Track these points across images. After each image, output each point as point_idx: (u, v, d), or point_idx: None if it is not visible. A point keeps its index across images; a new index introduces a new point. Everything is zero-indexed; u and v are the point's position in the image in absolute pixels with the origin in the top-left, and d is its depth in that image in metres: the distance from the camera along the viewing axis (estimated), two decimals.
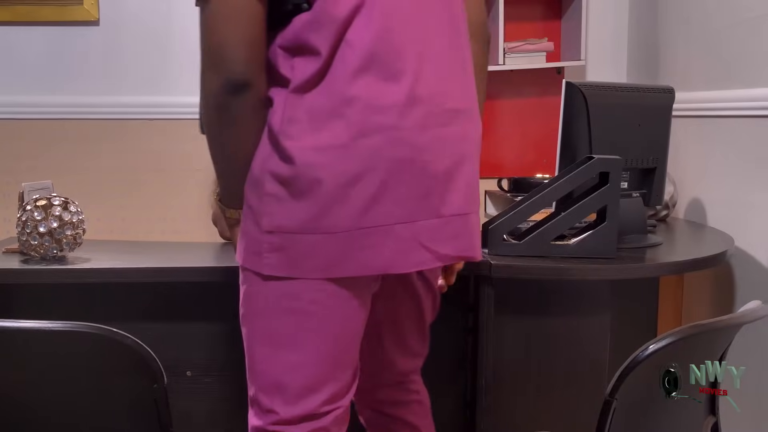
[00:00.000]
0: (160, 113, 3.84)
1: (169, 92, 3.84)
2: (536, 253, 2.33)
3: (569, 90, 2.49)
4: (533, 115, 4.09)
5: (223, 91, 1.57)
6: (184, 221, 3.76)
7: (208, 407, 2.39)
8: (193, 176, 3.79)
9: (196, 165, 3.76)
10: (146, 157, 3.84)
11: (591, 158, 2.30)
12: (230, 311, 2.37)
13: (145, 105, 3.83)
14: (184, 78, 3.84)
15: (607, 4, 4.08)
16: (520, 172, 3.90)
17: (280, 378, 1.68)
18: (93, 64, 3.80)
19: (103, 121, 3.82)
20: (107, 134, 3.82)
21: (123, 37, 3.80)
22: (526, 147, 4.12)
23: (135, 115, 3.84)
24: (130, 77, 3.83)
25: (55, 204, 2.27)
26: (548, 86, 3.98)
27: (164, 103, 3.83)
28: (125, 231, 3.74)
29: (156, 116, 3.84)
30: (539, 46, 3.98)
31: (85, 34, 3.78)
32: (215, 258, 2.71)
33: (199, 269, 2.35)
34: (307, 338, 1.65)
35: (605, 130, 2.49)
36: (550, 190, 2.31)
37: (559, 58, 4.08)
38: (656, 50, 3.68)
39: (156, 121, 3.84)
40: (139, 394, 1.58)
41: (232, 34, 1.54)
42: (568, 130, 2.50)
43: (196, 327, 2.37)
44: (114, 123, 3.83)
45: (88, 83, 3.82)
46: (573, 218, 2.33)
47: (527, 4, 4.05)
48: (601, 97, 2.51)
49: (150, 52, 3.83)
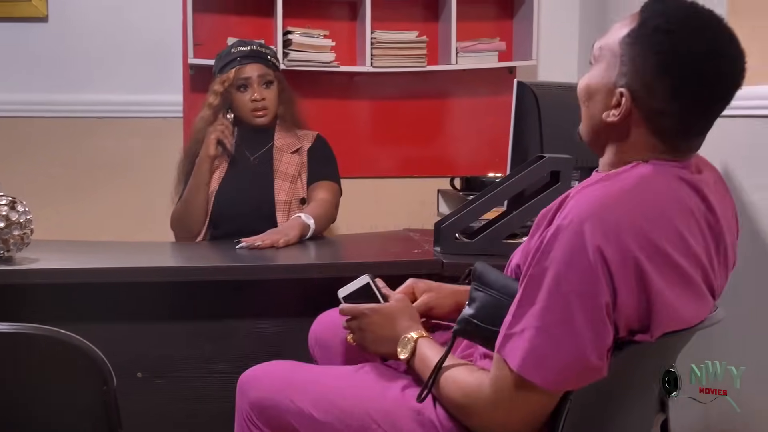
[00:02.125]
0: (110, 111, 3.80)
1: (121, 90, 3.80)
2: (488, 252, 2.34)
3: (520, 89, 2.51)
4: (485, 114, 4.11)
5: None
6: (136, 221, 3.72)
7: (160, 409, 2.36)
8: (145, 175, 3.76)
9: (147, 164, 3.73)
10: (98, 156, 3.79)
11: (542, 157, 2.31)
12: (181, 311, 2.36)
13: (96, 103, 3.78)
14: (136, 75, 3.80)
15: (558, 4, 4.11)
16: (473, 171, 3.91)
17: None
18: (42, 61, 3.75)
19: (52, 119, 3.77)
20: (57, 133, 3.77)
21: (73, 33, 3.75)
22: (479, 146, 4.14)
23: (85, 114, 3.79)
24: (80, 75, 3.78)
25: (2, 203, 2.23)
26: (500, 85, 3.99)
27: (115, 101, 3.79)
28: (76, 231, 3.69)
29: (107, 114, 3.80)
30: (491, 45, 3.99)
31: (34, 31, 3.72)
32: (166, 258, 2.69)
33: (150, 269, 2.34)
34: None
35: (556, 129, 2.51)
36: (501, 188, 2.33)
37: (511, 58, 4.10)
38: None
39: (107, 119, 3.80)
40: (89, 396, 1.57)
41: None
42: (520, 129, 2.51)
43: (147, 328, 2.35)
44: (64, 121, 3.78)
45: (37, 81, 3.77)
46: (524, 217, 2.35)
47: (479, 4, 4.06)
48: (552, 96, 2.53)
49: (101, 50, 3.78)
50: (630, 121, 1.50)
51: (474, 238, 2.36)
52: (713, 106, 1.49)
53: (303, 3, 3.88)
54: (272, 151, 3.03)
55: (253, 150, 3.05)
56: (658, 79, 1.45)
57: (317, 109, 3.84)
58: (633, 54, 1.48)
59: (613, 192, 1.43)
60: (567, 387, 1.42)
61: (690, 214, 1.46)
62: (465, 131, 4.16)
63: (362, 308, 1.81)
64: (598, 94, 1.55)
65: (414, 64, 3.91)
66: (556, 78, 3.99)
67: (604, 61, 1.54)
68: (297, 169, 3.00)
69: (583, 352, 1.37)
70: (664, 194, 1.46)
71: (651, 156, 1.51)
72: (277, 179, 2.98)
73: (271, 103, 3.00)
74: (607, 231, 1.36)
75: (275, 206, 2.95)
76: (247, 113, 2.98)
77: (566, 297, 1.38)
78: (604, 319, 1.38)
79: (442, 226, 2.38)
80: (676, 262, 1.42)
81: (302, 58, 3.76)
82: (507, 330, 1.43)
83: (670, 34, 1.45)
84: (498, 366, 1.45)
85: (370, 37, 3.82)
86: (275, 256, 2.47)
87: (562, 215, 1.42)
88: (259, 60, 3.00)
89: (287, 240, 2.56)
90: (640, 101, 1.48)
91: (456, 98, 4.17)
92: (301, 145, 3.04)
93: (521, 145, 2.53)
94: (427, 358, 1.65)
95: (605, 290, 1.37)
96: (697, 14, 1.49)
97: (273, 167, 3.00)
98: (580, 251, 1.37)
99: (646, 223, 1.39)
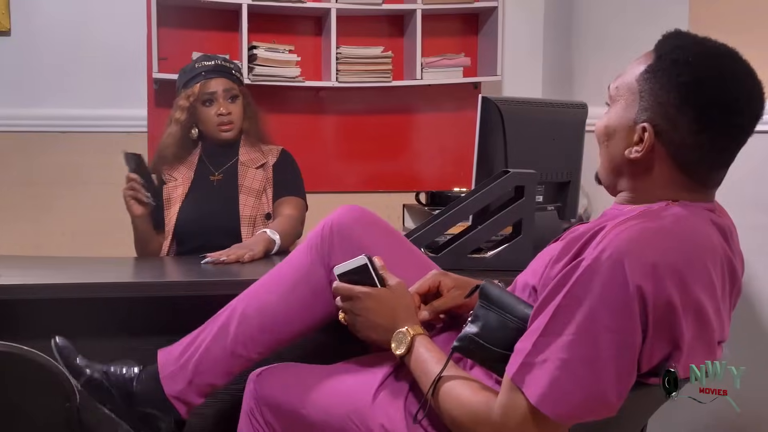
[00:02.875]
0: (74, 126, 3.77)
1: (84, 104, 3.78)
2: (453, 266, 2.34)
3: (485, 105, 2.52)
4: (450, 129, 4.13)
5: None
6: (100, 236, 3.69)
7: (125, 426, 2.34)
8: (107, 190, 3.72)
9: (109, 179, 3.70)
10: (60, 171, 3.76)
11: (507, 172, 2.32)
12: (144, 327, 2.33)
13: (59, 117, 3.76)
14: (100, 90, 3.78)
15: (522, 21, 4.15)
16: (438, 186, 3.93)
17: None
18: (5, 75, 3.72)
19: (14, 133, 3.73)
20: (19, 147, 3.74)
21: (36, 47, 3.73)
22: (444, 161, 4.16)
23: (48, 128, 3.76)
24: (43, 89, 3.76)
25: None
26: (465, 101, 4.02)
27: (79, 116, 3.76)
28: (38, 247, 3.66)
29: (70, 129, 3.77)
30: (456, 61, 4.02)
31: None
32: (130, 273, 2.67)
33: (113, 285, 2.31)
34: None
35: (520, 144, 2.52)
36: (466, 203, 2.33)
37: (476, 73, 4.13)
38: (570, 66, 3.75)
39: (70, 134, 3.77)
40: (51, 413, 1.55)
41: None
42: (485, 144, 2.52)
43: (109, 344, 2.32)
44: (27, 135, 3.75)
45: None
46: (489, 231, 2.36)
47: (444, 20, 4.09)
48: (516, 111, 2.54)
49: (64, 63, 3.76)
50: (653, 157, 1.50)
51: (439, 253, 2.36)
52: (736, 135, 1.50)
53: (268, 18, 3.88)
54: (237, 167, 3.01)
55: (217, 165, 3.04)
56: (681, 110, 1.46)
57: (282, 123, 3.84)
58: (653, 88, 1.49)
59: (653, 231, 1.41)
60: (577, 422, 1.40)
61: (719, 259, 1.46)
62: (430, 146, 4.18)
63: (356, 291, 1.77)
64: (619, 133, 1.55)
65: (379, 79, 3.92)
66: (521, 93, 4.01)
67: (622, 99, 1.55)
68: (262, 185, 2.99)
69: (604, 392, 1.36)
70: (700, 239, 1.45)
71: (677, 194, 1.51)
72: (242, 194, 2.96)
73: (236, 118, 2.99)
74: (648, 270, 1.35)
75: (240, 222, 2.93)
76: (213, 128, 2.97)
77: (598, 333, 1.35)
78: (632, 361, 1.37)
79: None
80: (705, 310, 1.42)
81: (267, 73, 3.76)
82: (526, 358, 1.40)
83: (689, 65, 1.46)
84: (511, 393, 1.42)
85: (336, 52, 3.83)
86: (240, 271, 2.46)
87: (599, 248, 1.39)
88: (224, 74, 2.99)
89: (252, 255, 2.55)
90: (663, 135, 1.48)
91: (421, 113, 4.18)
92: (266, 160, 3.03)
93: (486, 160, 2.54)
94: (425, 362, 1.63)
95: (638, 331, 1.36)
96: (713, 46, 1.51)
97: (238, 182, 2.99)
98: (619, 287, 1.35)
99: (685, 267, 1.39)
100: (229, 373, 1.94)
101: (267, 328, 1.93)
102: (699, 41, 1.51)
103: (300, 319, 1.95)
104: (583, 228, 1.52)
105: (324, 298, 1.93)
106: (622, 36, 3.19)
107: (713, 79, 1.46)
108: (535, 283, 1.58)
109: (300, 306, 1.95)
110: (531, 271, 1.64)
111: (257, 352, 1.94)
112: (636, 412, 1.60)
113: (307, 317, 1.96)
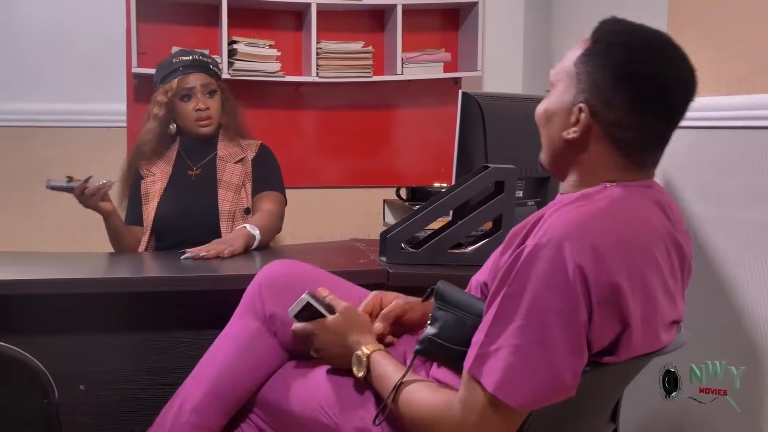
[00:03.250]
0: (53, 120, 3.75)
1: (63, 99, 3.76)
2: (434, 262, 2.35)
3: (465, 100, 2.52)
4: (431, 124, 4.13)
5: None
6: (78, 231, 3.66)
7: (104, 422, 2.33)
8: None
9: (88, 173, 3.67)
10: (39, 165, 3.73)
11: (487, 167, 2.33)
12: (124, 323, 2.33)
13: (38, 112, 3.73)
14: (79, 84, 3.76)
15: (503, 16, 4.15)
16: (418, 181, 3.93)
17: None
18: None
19: None
20: None
21: (14, 42, 3.70)
22: (424, 156, 4.16)
23: (27, 123, 3.74)
24: (22, 83, 3.73)
25: None
26: (445, 96, 4.02)
27: (58, 110, 3.74)
28: (15, 242, 3.63)
29: (49, 123, 3.75)
30: (437, 56, 4.02)
31: None
32: (109, 269, 2.65)
33: (92, 280, 2.31)
34: None
35: (501, 139, 2.53)
36: (447, 199, 2.34)
37: (456, 69, 4.14)
38: (550, 61, 3.76)
39: (49, 129, 3.75)
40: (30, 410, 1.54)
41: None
42: (465, 139, 2.53)
43: (90, 339, 2.32)
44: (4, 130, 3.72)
45: None
46: (469, 226, 2.36)
47: (425, 16, 4.09)
48: (496, 107, 2.55)
49: (43, 58, 3.74)
50: (590, 137, 1.52)
51: (420, 248, 2.37)
52: (671, 115, 1.52)
53: (248, 13, 3.87)
54: (215, 161, 3.01)
55: (196, 160, 3.03)
56: (616, 91, 1.48)
57: (263, 119, 3.83)
58: (589, 71, 1.51)
59: (590, 213, 1.43)
60: (537, 407, 1.41)
61: (661, 237, 1.48)
62: (411, 141, 4.18)
63: (309, 328, 1.82)
64: (557, 116, 1.57)
65: (360, 74, 3.92)
66: (501, 89, 4.04)
67: (561, 83, 1.57)
68: (241, 179, 2.98)
69: (559, 373, 1.37)
70: (639, 217, 1.48)
71: (616, 175, 1.53)
72: (220, 189, 2.96)
73: (214, 112, 2.98)
74: (587, 251, 1.37)
75: (219, 217, 2.93)
76: (191, 123, 2.96)
77: (545, 315, 1.37)
78: (581, 339, 1.38)
79: (387, 236, 2.38)
80: (651, 287, 1.44)
81: (247, 68, 3.75)
82: (480, 349, 1.42)
83: (624, 46, 1.49)
84: (469, 386, 1.43)
85: (316, 47, 3.83)
86: (220, 266, 2.46)
87: (539, 234, 1.41)
88: (202, 69, 2.98)
89: (232, 250, 2.54)
90: (599, 115, 1.50)
91: (401, 108, 4.18)
92: (244, 155, 3.02)
93: (466, 156, 2.54)
94: (384, 376, 1.65)
95: (583, 309, 1.37)
96: (648, 31, 1.53)
97: (216, 177, 2.98)
98: (559, 269, 1.37)
99: (625, 246, 1.41)
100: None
101: (222, 405, 1.95)
102: (635, 27, 1.54)
103: (251, 381, 1.97)
104: (524, 221, 1.54)
105: (270, 355, 1.97)
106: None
107: (647, 60, 1.49)
108: (486, 279, 1.61)
109: (248, 370, 1.96)
110: (482, 270, 1.67)
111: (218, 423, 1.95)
112: (598, 394, 1.61)
113: (260, 376, 1.98)
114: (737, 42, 2.30)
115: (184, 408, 1.94)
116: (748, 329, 2.13)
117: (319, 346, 1.81)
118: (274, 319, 1.94)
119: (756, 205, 2.17)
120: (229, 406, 1.94)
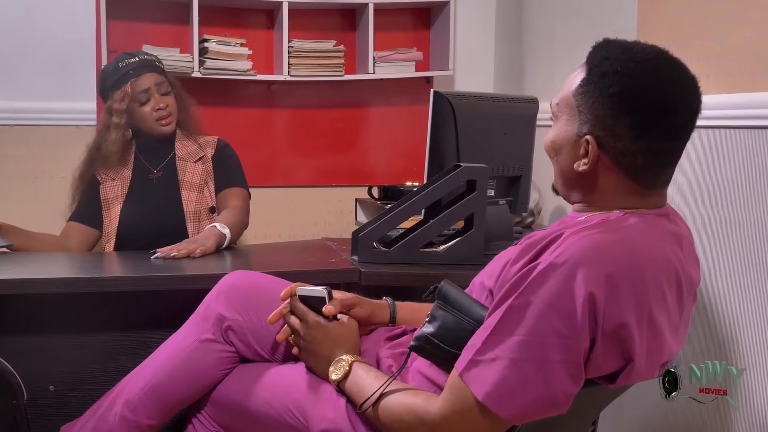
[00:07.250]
0: (20, 119, 3.70)
1: (31, 97, 3.71)
2: (406, 260, 2.36)
3: (437, 99, 2.53)
4: (402, 123, 4.13)
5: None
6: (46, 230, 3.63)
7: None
8: (55, 184, 3.67)
9: (58, 172, 3.65)
10: (7, 165, 3.69)
11: (458, 166, 2.33)
12: (94, 323, 2.31)
13: (5, 110, 3.68)
14: (47, 82, 3.72)
15: (474, 16, 4.16)
16: (390, 180, 3.93)
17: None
18: None
19: None
20: None
21: None
22: (396, 155, 4.16)
23: None
24: None
25: None
26: (417, 95, 4.03)
27: (25, 108, 3.70)
28: None
29: (16, 122, 3.70)
30: (408, 55, 4.02)
31: None
32: (78, 268, 2.63)
33: (61, 280, 2.29)
34: None
35: (472, 138, 2.53)
36: (418, 197, 2.34)
37: (428, 68, 4.14)
38: (521, 61, 3.77)
39: (16, 127, 3.71)
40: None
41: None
42: (437, 138, 2.53)
43: (59, 339, 2.30)
44: None
45: None
46: (441, 225, 2.36)
47: (397, 14, 4.09)
48: (468, 106, 2.55)
49: (9, 55, 3.69)
50: (600, 167, 1.54)
51: (392, 247, 2.37)
52: (675, 135, 1.52)
53: (219, 11, 3.85)
54: (175, 162, 2.98)
55: (155, 162, 3.00)
56: (618, 120, 1.49)
57: (234, 117, 3.82)
58: (588, 102, 1.52)
59: (609, 241, 1.43)
60: (525, 421, 1.42)
61: (673, 269, 1.49)
62: (382, 140, 4.18)
63: (311, 318, 1.82)
64: (565, 148, 1.58)
65: (331, 73, 3.91)
66: (473, 88, 4.04)
67: (564, 114, 1.58)
68: (203, 178, 2.96)
69: (553, 394, 1.37)
70: (655, 249, 1.48)
71: (629, 200, 1.55)
72: (183, 190, 2.93)
73: (173, 110, 2.96)
74: (601, 278, 1.37)
75: (185, 218, 2.91)
76: (152, 124, 2.92)
77: (547, 336, 1.37)
78: (579, 365, 1.38)
79: (359, 235, 2.38)
80: (658, 322, 1.44)
81: (219, 66, 3.73)
82: (475, 356, 1.41)
83: (618, 74, 1.49)
84: (457, 389, 1.43)
85: (288, 46, 3.81)
86: (190, 266, 2.44)
87: (556, 253, 1.41)
88: (152, 69, 2.95)
89: (204, 250, 2.53)
90: (606, 146, 1.51)
91: (373, 107, 4.18)
92: (204, 152, 3.00)
93: (438, 155, 2.54)
94: (362, 380, 1.66)
95: (586, 337, 1.37)
96: (641, 50, 1.53)
97: (178, 178, 2.95)
98: (569, 293, 1.37)
99: (638, 280, 1.41)
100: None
101: (155, 406, 1.96)
102: (627, 48, 1.54)
103: (190, 389, 1.98)
104: (540, 234, 1.54)
105: (218, 364, 1.98)
106: (571, 32, 3.21)
107: (643, 86, 1.49)
108: (491, 285, 1.60)
109: (188, 381, 1.97)
110: (487, 274, 1.66)
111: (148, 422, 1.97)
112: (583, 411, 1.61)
113: (203, 385, 1.99)
114: (706, 44, 2.31)
115: (118, 399, 1.96)
116: (748, 329, 2.14)
117: (307, 339, 1.81)
118: (233, 327, 1.96)
119: (756, 205, 2.18)
120: (163, 409, 1.96)
